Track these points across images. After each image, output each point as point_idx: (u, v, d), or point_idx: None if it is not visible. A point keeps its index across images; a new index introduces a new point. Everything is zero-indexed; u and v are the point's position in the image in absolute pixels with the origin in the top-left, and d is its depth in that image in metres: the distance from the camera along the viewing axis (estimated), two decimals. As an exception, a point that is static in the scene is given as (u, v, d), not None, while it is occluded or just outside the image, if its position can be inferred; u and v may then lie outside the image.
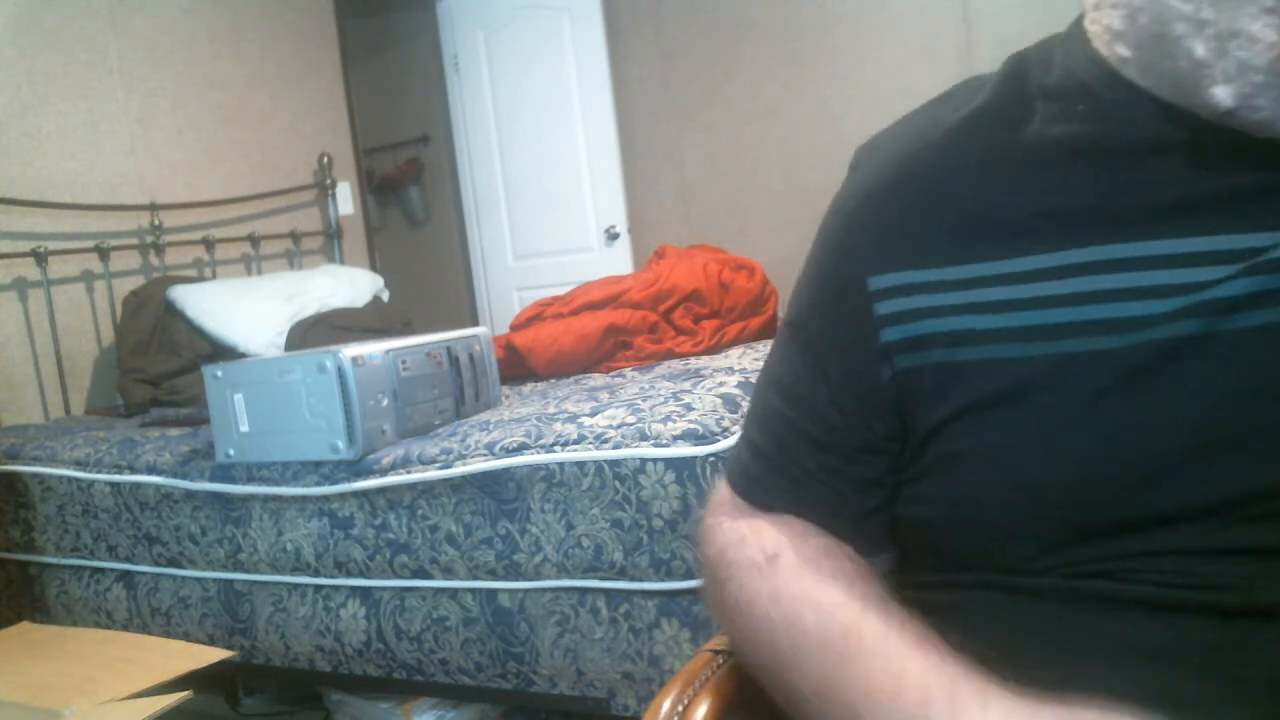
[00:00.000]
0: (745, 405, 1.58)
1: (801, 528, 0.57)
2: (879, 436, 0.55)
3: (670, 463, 1.43)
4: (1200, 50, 0.45)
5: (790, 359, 0.59)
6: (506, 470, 1.53)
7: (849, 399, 0.55)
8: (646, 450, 1.44)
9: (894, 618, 0.50)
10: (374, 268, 3.78)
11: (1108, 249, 0.48)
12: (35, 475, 2.03)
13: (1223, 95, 0.45)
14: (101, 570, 2.00)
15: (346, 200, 3.71)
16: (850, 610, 0.51)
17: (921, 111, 0.58)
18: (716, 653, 0.60)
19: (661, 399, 1.61)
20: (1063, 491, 0.48)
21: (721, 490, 0.63)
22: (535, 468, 1.51)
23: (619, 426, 1.50)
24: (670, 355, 2.32)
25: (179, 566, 1.89)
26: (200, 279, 2.97)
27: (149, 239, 2.92)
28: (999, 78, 0.54)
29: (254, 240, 3.26)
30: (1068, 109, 0.50)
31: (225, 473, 1.78)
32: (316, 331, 2.74)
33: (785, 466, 0.58)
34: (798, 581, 0.54)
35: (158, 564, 1.91)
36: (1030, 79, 0.52)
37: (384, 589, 1.67)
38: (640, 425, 1.48)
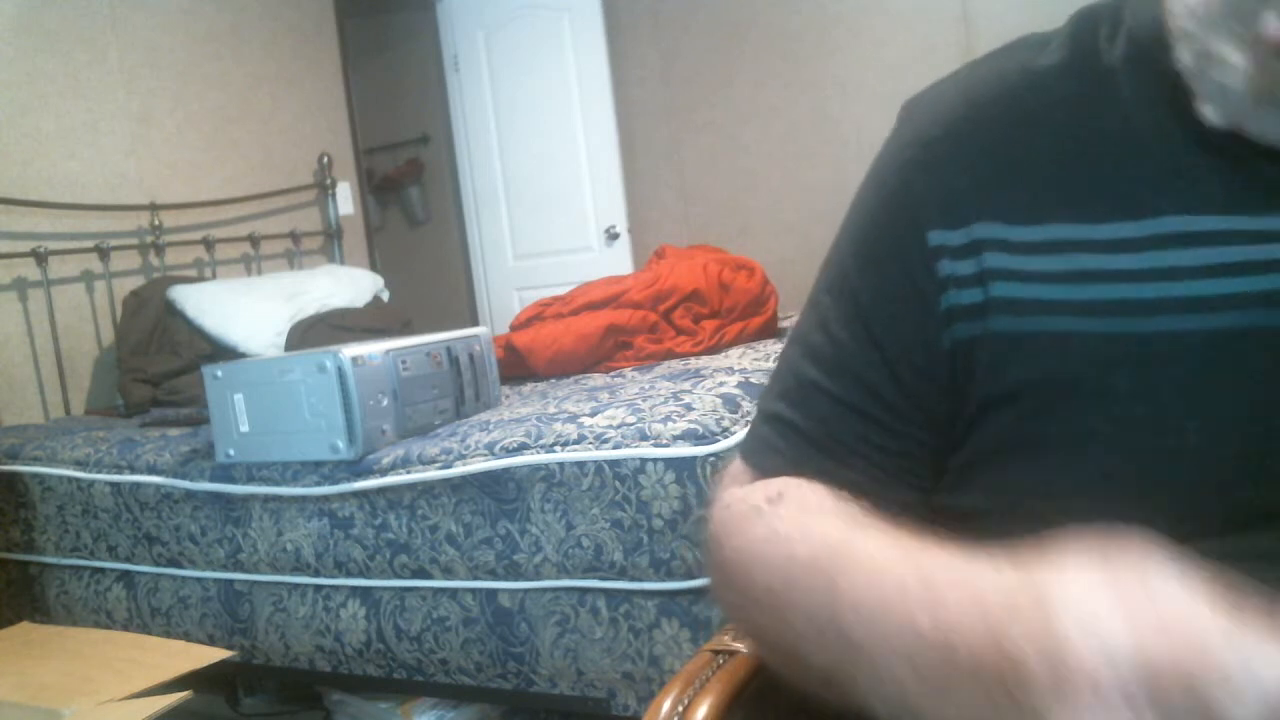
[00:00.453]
0: (746, 405, 1.58)
1: (818, 482, 0.51)
2: (935, 414, 0.50)
3: (670, 463, 1.43)
4: (1186, 59, 0.43)
5: (831, 329, 0.53)
6: (506, 470, 1.53)
7: (909, 371, 0.50)
8: (646, 450, 1.44)
9: (890, 530, 0.43)
10: (374, 268, 3.78)
11: (1185, 220, 0.44)
12: (35, 475, 2.03)
13: (1210, 114, 0.42)
14: (101, 570, 2.00)
15: (346, 200, 3.71)
16: (841, 531, 0.45)
17: (979, 64, 0.52)
18: (716, 653, 0.60)
19: (661, 399, 1.61)
20: (1141, 488, 0.44)
21: (735, 469, 0.56)
22: (535, 468, 1.51)
23: (619, 426, 1.50)
24: (670, 355, 2.32)
25: (179, 566, 1.89)
26: (200, 279, 2.97)
27: (149, 239, 2.92)
28: (1066, 36, 0.49)
29: (254, 240, 3.26)
30: (1136, 71, 0.46)
31: (225, 473, 1.78)
32: (316, 331, 2.74)
33: (824, 444, 0.52)
34: (796, 517, 0.48)
35: (158, 564, 1.91)
36: (1098, 36, 0.48)
37: (384, 589, 1.67)
38: (640, 425, 1.48)
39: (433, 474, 1.57)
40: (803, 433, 0.53)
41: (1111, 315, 0.45)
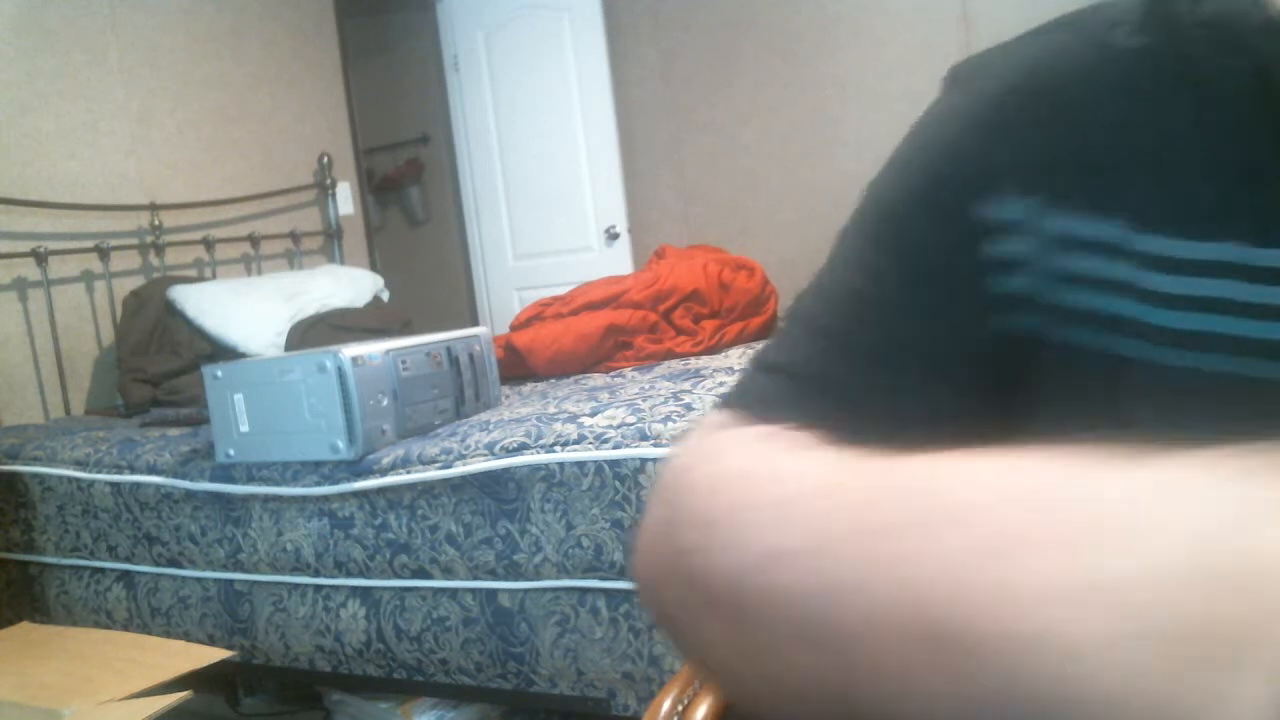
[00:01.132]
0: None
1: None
2: (957, 389, 0.45)
3: (670, 463, 1.42)
4: None
5: (855, 284, 0.46)
6: (506, 470, 1.53)
7: (950, 347, 0.44)
8: (646, 450, 1.44)
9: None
10: (374, 268, 3.78)
11: (1246, 253, 0.39)
12: (35, 475, 2.03)
13: None
14: (101, 570, 2.00)
15: (346, 200, 3.71)
16: (837, 459, 0.36)
17: (1044, 32, 0.47)
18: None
19: (661, 399, 1.61)
20: None
21: (718, 417, 0.46)
22: (535, 468, 1.51)
23: (619, 426, 1.50)
24: (670, 355, 2.32)
25: (179, 566, 1.88)
26: (200, 279, 2.97)
27: (149, 239, 2.91)
28: (1146, 13, 0.44)
29: (254, 240, 3.26)
30: (1220, 56, 0.41)
31: (225, 473, 1.78)
32: (316, 331, 2.74)
33: (839, 402, 0.45)
34: (783, 450, 0.39)
35: (158, 564, 1.91)
36: (1179, 14, 0.43)
37: (384, 589, 1.67)
38: (640, 425, 1.48)
39: (433, 474, 1.57)
40: (811, 385, 0.46)
41: (1129, 337, 0.40)
